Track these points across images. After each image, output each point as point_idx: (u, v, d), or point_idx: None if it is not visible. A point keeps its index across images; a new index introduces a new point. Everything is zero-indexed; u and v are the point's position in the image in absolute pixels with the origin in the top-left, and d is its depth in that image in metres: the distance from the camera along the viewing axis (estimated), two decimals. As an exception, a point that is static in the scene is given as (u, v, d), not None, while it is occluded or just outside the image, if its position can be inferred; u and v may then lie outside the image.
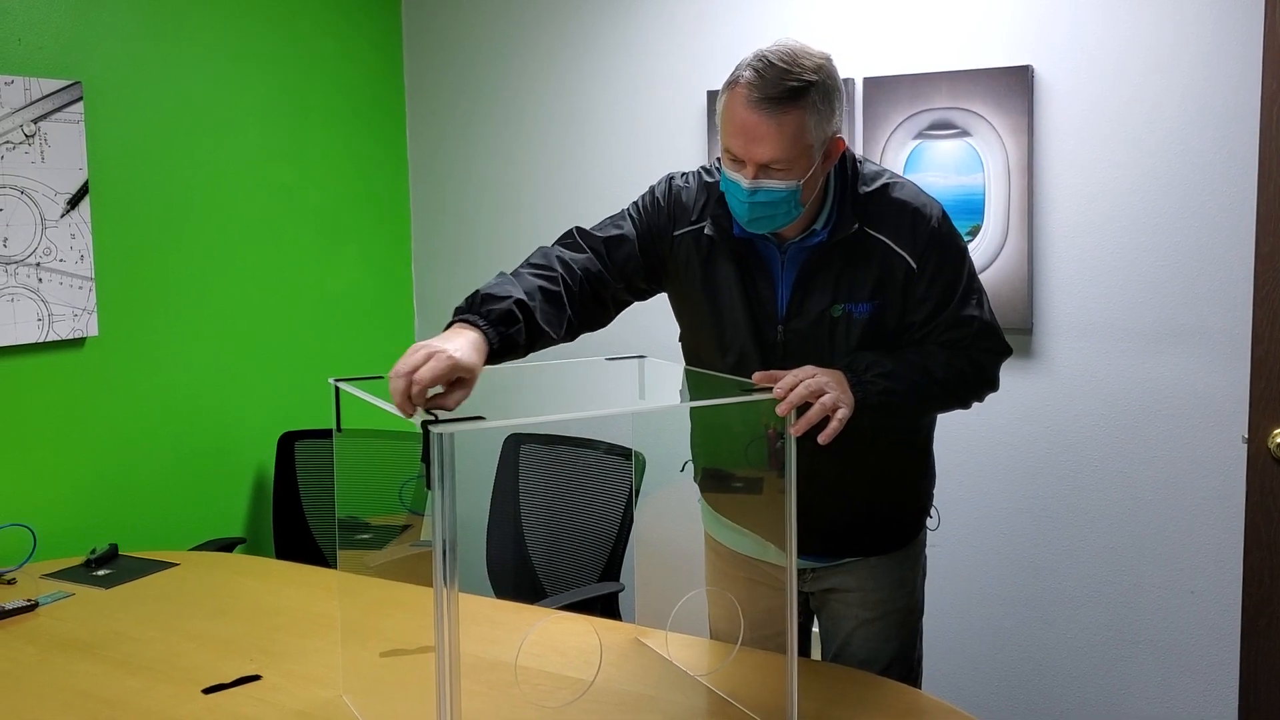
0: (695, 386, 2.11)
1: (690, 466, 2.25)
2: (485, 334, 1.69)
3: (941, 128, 2.95)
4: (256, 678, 2.04)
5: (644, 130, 3.46)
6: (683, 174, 2.05)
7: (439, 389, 1.58)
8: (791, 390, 1.69)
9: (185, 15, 3.20)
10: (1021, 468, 2.97)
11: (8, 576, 2.62)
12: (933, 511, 2.18)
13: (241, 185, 3.38)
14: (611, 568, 2.90)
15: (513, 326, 1.74)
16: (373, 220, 3.83)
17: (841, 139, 1.83)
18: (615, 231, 2.01)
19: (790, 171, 1.75)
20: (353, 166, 3.74)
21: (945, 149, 2.95)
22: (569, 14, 3.56)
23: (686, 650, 2.10)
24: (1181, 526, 2.79)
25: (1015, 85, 2.84)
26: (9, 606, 2.38)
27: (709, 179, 1.98)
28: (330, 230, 3.67)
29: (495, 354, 1.71)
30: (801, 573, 2.10)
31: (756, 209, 1.79)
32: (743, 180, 1.77)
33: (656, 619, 2.19)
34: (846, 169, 1.89)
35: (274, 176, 3.48)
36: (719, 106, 1.81)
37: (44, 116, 2.85)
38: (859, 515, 2.02)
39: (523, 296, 1.77)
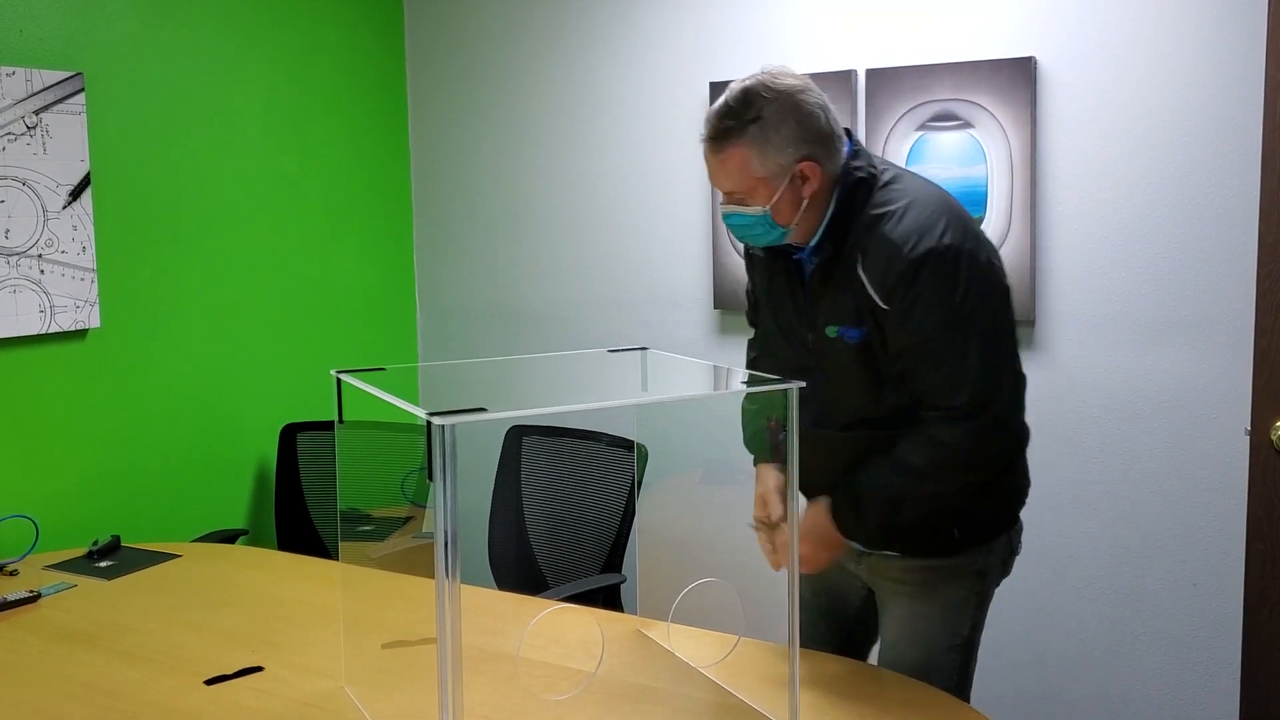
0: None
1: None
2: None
3: (944, 119, 2.94)
4: (259, 669, 2.05)
5: (647, 122, 3.45)
6: None
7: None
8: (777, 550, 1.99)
9: (187, 7, 3.20)
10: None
11: (10, 568, 2.62)
12: (1001, 545, 2.08)
13: (243, 177, 3.38)
14: (613, 559, 2.90)
15: None
16: (375, 212, 3.82)
17: (814, 165, 1.86)
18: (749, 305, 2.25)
19: (752, 198, 1.87)
20: (355, 158, 3.74)
21: (948, 141, 2.94)
22: (572, 5, 3.56)
23: (688, 642, 2.10)
24: (1184, 518, 2.79)
25: (1018, 77, 2.83)
26: (12, 598, 2.39)
27: None
28: (332, 222, 3.67)
29: None
30: (860, 557, 2.10)
31: (735, 230, 1.95)
32: (723, 203, 1.93)
33: (658, 611, 2.19)
34: (857, 192, 1.89)
35: (276, 168, 3.48)
36: None
37: (46, 108, 2.85)
38: (889, 505, 1.92)
39: None
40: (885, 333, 1.85)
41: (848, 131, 1.94)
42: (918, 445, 1.86)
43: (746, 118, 1.82)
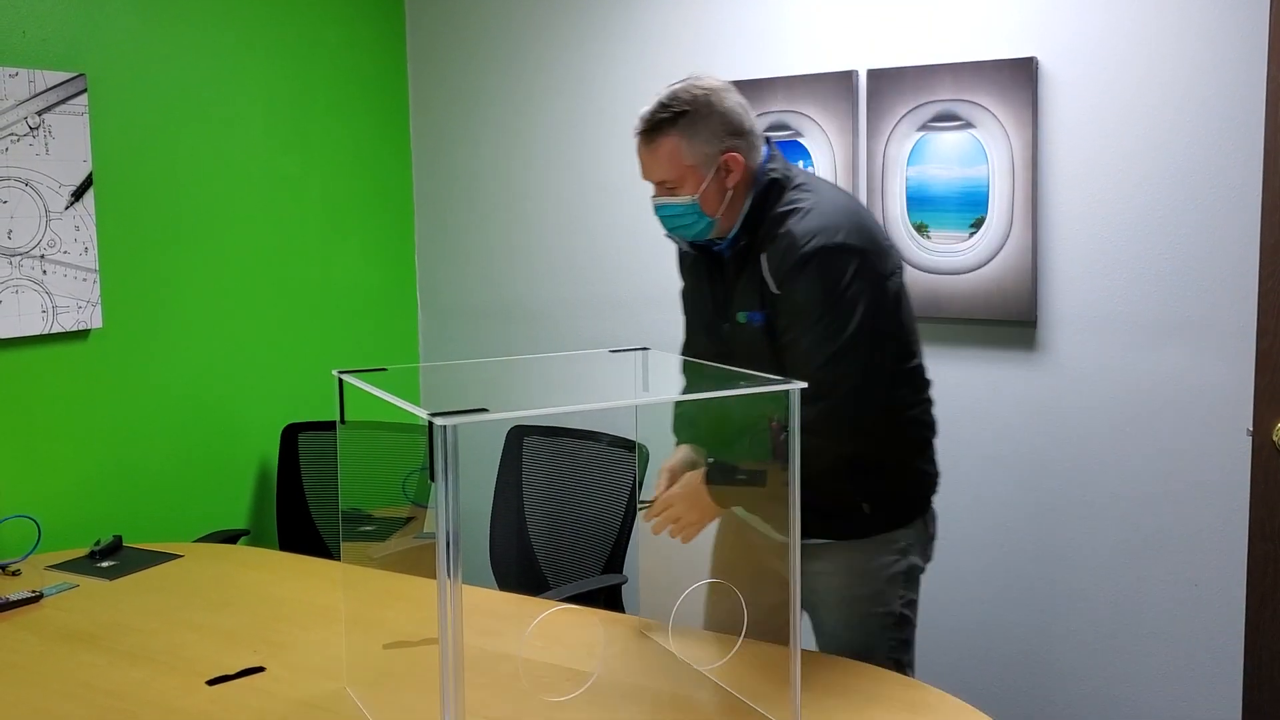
0: (693, 377, 2.15)
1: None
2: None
3: (945, 120, 2.94)
4: (260, 669, 2.05)
5: (648, 122, 3.45)
6: None
7: None
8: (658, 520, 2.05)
9: (188, 8, 3.20)
10: (1025, 461, 2.96)
11: (12, 568, 2.63)
12: (920, 522, 2.21)
13: (245, 177, 3.39)
14: (614, 560, 2.90)
15: None
16: (376, 212, 3.83)
17: (737, 158, 2.04)
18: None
19: (682, 188, 2.04)
20: (356, 158, 3.74)
21: (949, 141, 2.94)
22: (572, 5, 3.56)
23: (689, 642, 2.10)
24: (1186, 519, 2.79)
25: (1020, 77, 2.83)
26: (14, 598, 2.39)
27: None
28: (334, 222, 3.67)
29: None
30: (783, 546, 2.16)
31: (666, 222, 2.10)
32: (654, 195, 2.09)
33: (660, 611, 2.19)
34: (771, 190, 2.06)
35: (277, 168, 3.48)
36: None
37: (48, 109, 2.85)
38: (752, 472, 2.07)
39: None
40: (776, 317, 2.04)
41: (767, 139, 2.13)
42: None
43: (676, 110, 2.02)
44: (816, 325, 1.98)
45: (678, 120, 2.01)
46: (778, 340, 2.04)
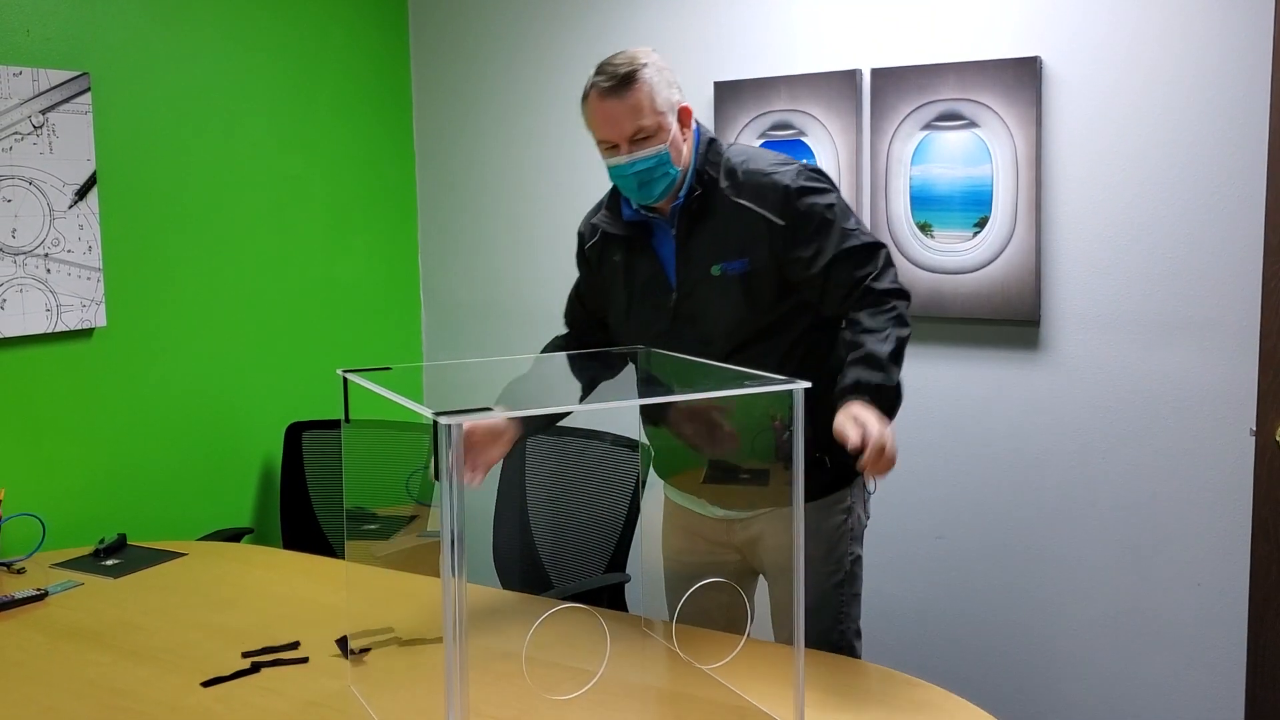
0: (700, 377, 2.15)
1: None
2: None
3: (949, 119, 2.94)
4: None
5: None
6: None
7: None
8: (878, 460, 1.88)
9: (192, 7, 3.20)
10: (1028, 459, 2.96)
11: (17, 566, 2.63)
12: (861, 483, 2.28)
13: (248, 176, 3.39)
14: (618, 559, 2.90)
15: None
16: (380, 211, 3.83)
17: (688, 108, 2.16)
18: (573, 294, 2.46)
19: (654, 138, 2.10)
20: (360, 157, 3.74)
21: (953, 140, 2.94)
22: (576, 5, 3.56)
23: (693, 641, 2.10)
24: (1189, 519, 2.79)
25: (1023, 76, 2.83)
26: (18, 596, 2.39)
27: (602, 201, 2.36)
28: (337, 221, 3.67)
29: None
30: (730, 524, 2.29)
31: (641, 177, 2.12)
32: (621, 157, 2.11)
33: (663, 610, 2.20)
34: (710, 148, 2.19)
35: (281, 167, 3.48)
36: (585, 119, 2.18)
37: (52, 108, 2.85)
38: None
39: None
40: (785, 249, 2.10)
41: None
42: (878, 303, 2.09)
43: (639, 64, 2.11)
44: (845, 216, 2.13)
45: (644, 69, 2.10)
46: (814, 262, 2.10)
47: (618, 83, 2.10)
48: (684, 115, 2.16)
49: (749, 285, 2.13)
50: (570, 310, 2.48)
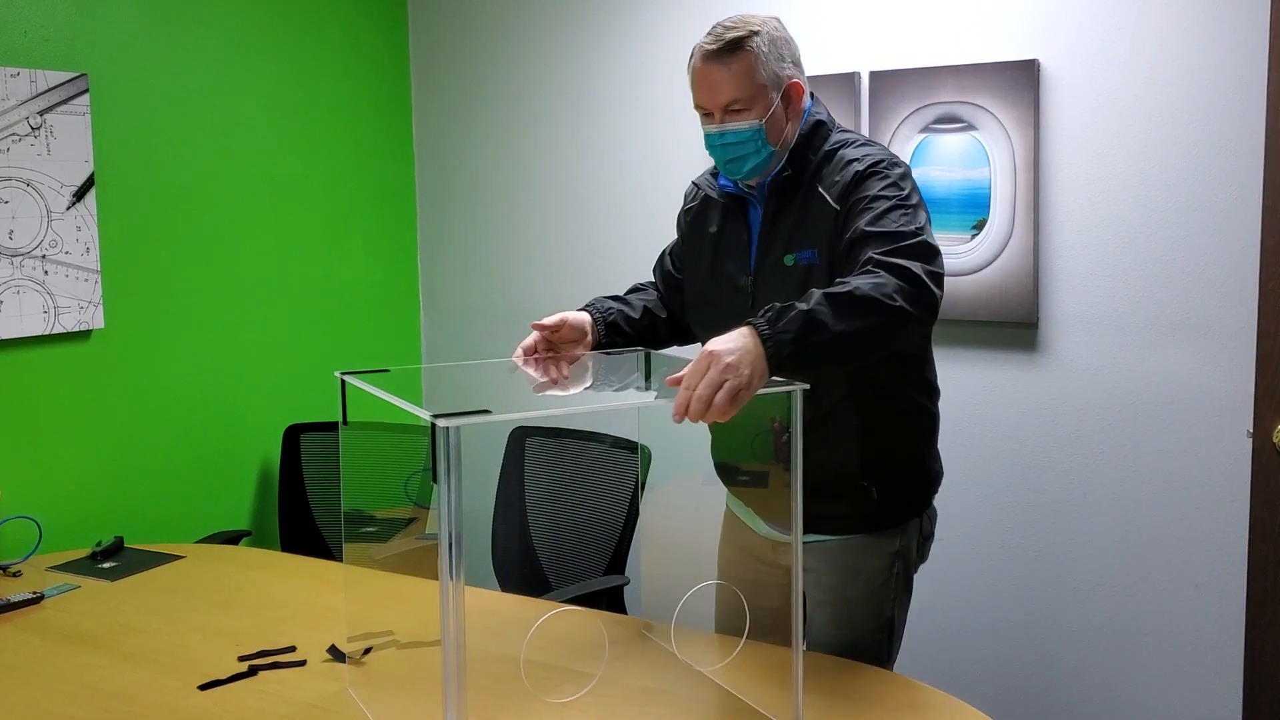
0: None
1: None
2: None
3: (947, 122, 2.94)
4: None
5: (651, 121, 3.45)
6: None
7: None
8: (687, 405, 1.62)
9: (191, 8, 3.20)
10: (1026, 461, 2.97)
11: (13, 569, 2.63)
12: (921, 522, 2.17)
13: (247, 177, 3.39)
14: (617, 561, 2.90)
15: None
16: (378, 212, 3.83)
17: (799, 84, 2.03)
18: (661, 265, 2.38)
19: (750, 111, 1.98)
20: (359, 159, 3.74)
21: (951, 143, 2.94)
22: (575, 8, 3.56)
23: (692, 644, 2.10)
24: (1186, 520, 2.79)
25: (1021, 79, 2.83)
26: (15, 599, 2.39)
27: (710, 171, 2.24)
28: (336, 222, 3.67)
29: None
30: (776, 546, 2.19)
31: (729, 150, 2.01)
32: (713, 126, 2.01)
33: (662, 613, 2.19)
34: (816, 132, 2.05)
35: (280, 169, 3.48)
36: (688, 80, 2.06)
37: (50, 109, 2.85)
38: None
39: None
40: (840, 231, 1.94)
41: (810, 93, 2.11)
42: (866, 274, 1.79)
43: (750, 28, 1.99)
44: (902, 206, 1.90)
45: (753, 37, 1.98)
46: (849, 236, 1.91)
47: (722, 47, 1.99)
48: (792, 92, 2.02)
49: (810, 281, 1.96)
50: (659, 264, 2.39)
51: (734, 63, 1.98)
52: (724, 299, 2.12)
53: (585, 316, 2.21)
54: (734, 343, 1.64)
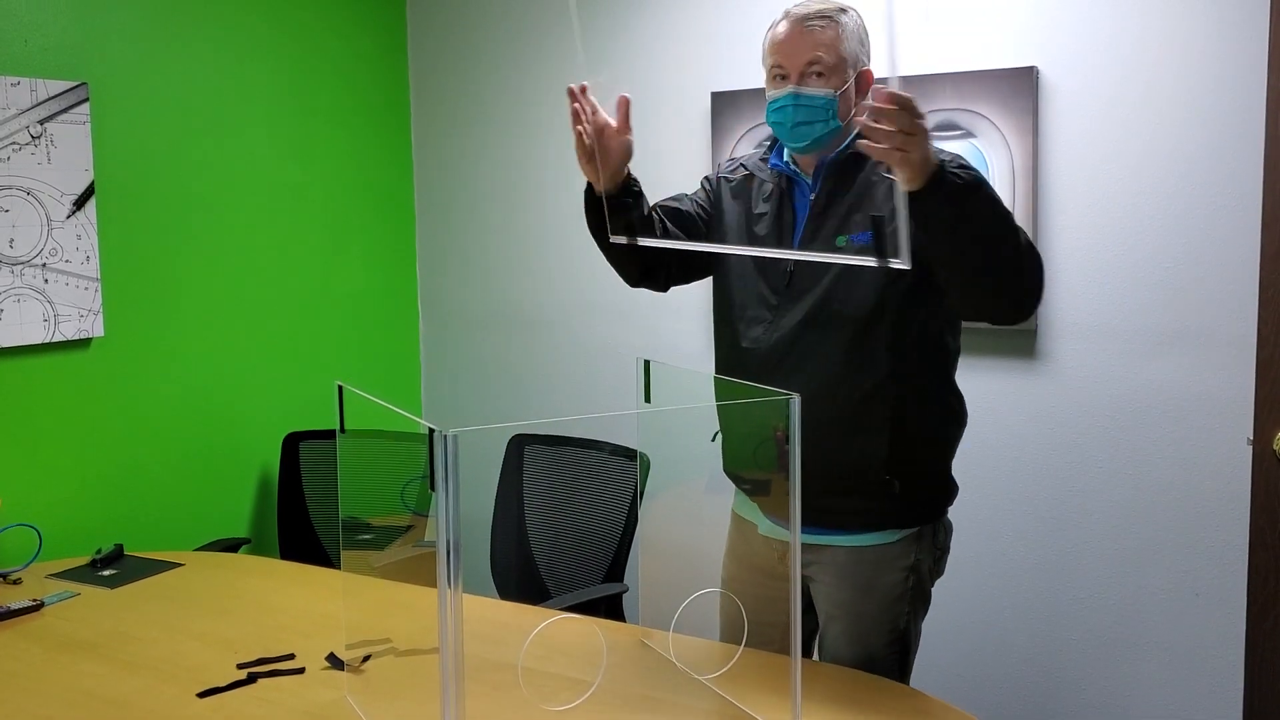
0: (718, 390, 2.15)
1: (720, 438, 2.25)
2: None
3: (946, 129, 2.94)
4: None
5: (648, 130, 3.46)
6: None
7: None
8: (884, 115, 1.70)
9: (191, 16, 3.21)
10: (1026, 469, 2.96)
11: (13, 576, 2.63)
12: (933, 534, 2.15)
13: (246, 186, 3.39)
14: (616, 569, 2.90)
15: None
16: (378, 220, 3.83)
17: (871, 74, 2.06)
18: (673, 204, 2.30)
19: (828, 79, 1.99)
20: (358, 166, 3.75)
21: (950, 150, 2.94)
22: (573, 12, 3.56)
23: (691, 652, 2.10)
24: (1186, 528, 2.79)
25: (1020, 86, 2.84)
26: (15, 606, 2.39)
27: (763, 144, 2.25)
28: (335, 231, 3.68)
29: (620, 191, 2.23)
30: (782, 552, 2.17)
31: (800, 112, 2.00)
32: (787, 88, 2.01)
33: (661, 620, 2.19)
34: None
35: (279, 177, 3.49)
36: (765, 47, 2.08)
37: (50, 118, 2.86)
38: (820, 470, 1.91)
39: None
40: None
41: None
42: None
43: (840, 6, 2.04)
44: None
45: (843, 13, 2.03)
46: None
47: (812, 15, 2.02)
48: (864, 79, 2.05)
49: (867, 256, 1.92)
50: (669, 205, 2.31)
51: (819, 31, 2.00)
52: (764, 277, 2.11)
53: (628, 152, 2.23)
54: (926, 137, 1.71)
